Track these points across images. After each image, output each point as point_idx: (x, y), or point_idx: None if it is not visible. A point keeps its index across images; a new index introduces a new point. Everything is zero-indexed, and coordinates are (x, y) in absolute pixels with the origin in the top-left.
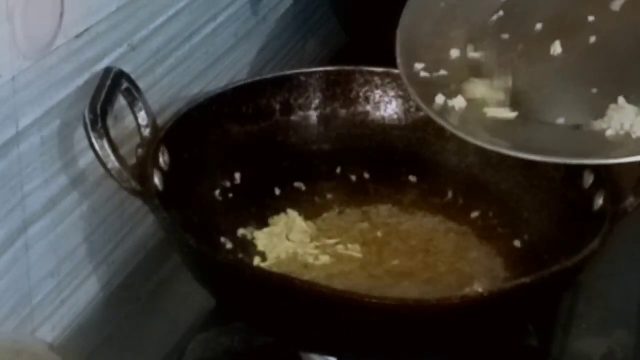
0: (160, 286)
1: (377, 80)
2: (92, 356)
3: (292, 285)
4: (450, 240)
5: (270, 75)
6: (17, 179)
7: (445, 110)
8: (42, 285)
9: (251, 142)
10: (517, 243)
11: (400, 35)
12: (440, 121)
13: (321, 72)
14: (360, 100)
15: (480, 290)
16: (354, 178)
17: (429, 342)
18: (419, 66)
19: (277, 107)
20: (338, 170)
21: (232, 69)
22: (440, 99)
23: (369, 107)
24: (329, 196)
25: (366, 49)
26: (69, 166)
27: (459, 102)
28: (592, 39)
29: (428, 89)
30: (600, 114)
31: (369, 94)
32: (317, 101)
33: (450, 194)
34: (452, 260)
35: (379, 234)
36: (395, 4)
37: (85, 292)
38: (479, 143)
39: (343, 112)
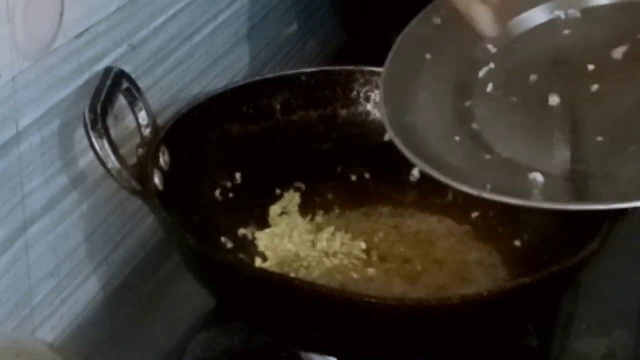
0: (160, 286)
1: (377, 79)
2: (92, 356)
3: (292, 285)
4: (451, 240)
5: (270, 75)
6: (17, 179)
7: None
8: (42, 285)
9: (252, 142)
10: (517, 243)
11: (384, 89)
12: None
13: (322, 71)
14: (361, 100)
15: (479, 290)
16: (354, 178)
17: (428, 342)
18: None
19: (278, 107)
20: (339, 170)
21: (232, 69)
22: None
23: (369, 107)
24: (330, 196)
25: (366, 48)
26: (69, 166)
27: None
28: (595, 87)
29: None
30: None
31: (369, 93)
32: (317, 101)
33: (450, 194)
34: (452, 260)
35: (380, 234)
36: (395, 4)
37: (85, 292)
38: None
39: (344, 112)
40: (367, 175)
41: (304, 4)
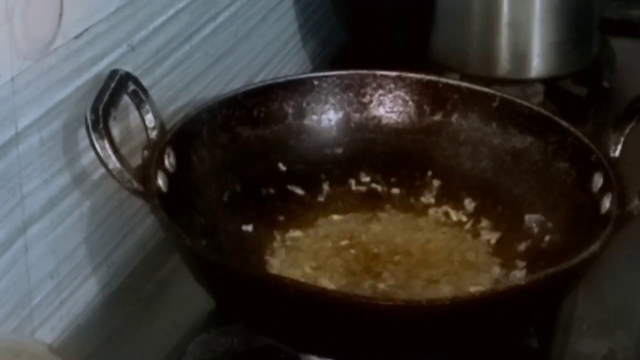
0: (160, 287)
1: (390, 84)
2: (91, 357)
3: (287, 286)
4: (464, 244)
5: (282, 79)
6: (16, 180)
7: None
8: (42, 286)
9: (263, 145)
10: (522, 247)
11: None
12: None
13: (334, 75)
14: (374, 104)
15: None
16: (366, 182)
17: (424, 342)
18: None
19: (290, 110)
20: (351, 174)
21: (231, 70)
22: None
23: (382, 111)
24: (341, 200)
25: (366, 49)
26: (68, 167)
27: None
28: None
29: None
30: None
31: (382, 97)
32: (329, 105)
33: (465, 200)
34: (464, 264)
35: (392, 238)
36: (395, 4)
37: (84, 292)
38: None
39: (356, 116)
40: (380, 180)
41: (304, 4)
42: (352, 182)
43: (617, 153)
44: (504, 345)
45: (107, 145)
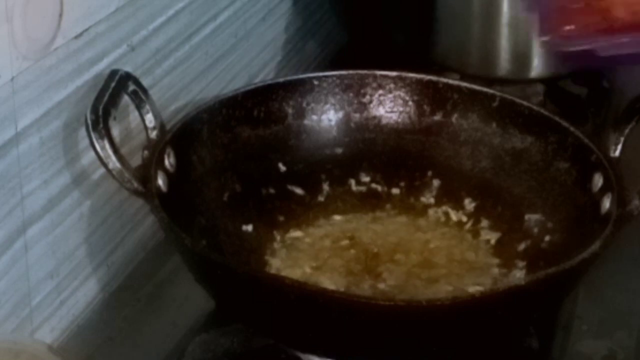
0: (159, 287)
1: (390, 84)
2: (91, 357)
3: (287, 286)
4: (464, 244)
5: (282, 79)
6: (16, 180)
7: None
8: (41, 286)
9: (263, 145)
10: (521, 247)
11: None
12: None
13: (334, 75)
14: (374, 104)
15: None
16: (366, 182)
17: (423, 343)
18: None
19: (290, 110)
20: (351, 174)
21: (231, 70)
22: None
23: (382, 111)
24: (341, 200)
25: (366, 49)
26: (68, 167)
27: None
28: None
29: None
30: None
31: (382, 97)
32: (329, 105)
33: (465, 200)
34: (464, 264)
35: (392, 238)
36: (395, 4)
37: (84, 293)
38: None
39: (356, 116)
40: (380, 180)
41: (304, 4)
42: (352, 182)
43: (617, 153)
44: (504, 345)
45: (107, 145)
